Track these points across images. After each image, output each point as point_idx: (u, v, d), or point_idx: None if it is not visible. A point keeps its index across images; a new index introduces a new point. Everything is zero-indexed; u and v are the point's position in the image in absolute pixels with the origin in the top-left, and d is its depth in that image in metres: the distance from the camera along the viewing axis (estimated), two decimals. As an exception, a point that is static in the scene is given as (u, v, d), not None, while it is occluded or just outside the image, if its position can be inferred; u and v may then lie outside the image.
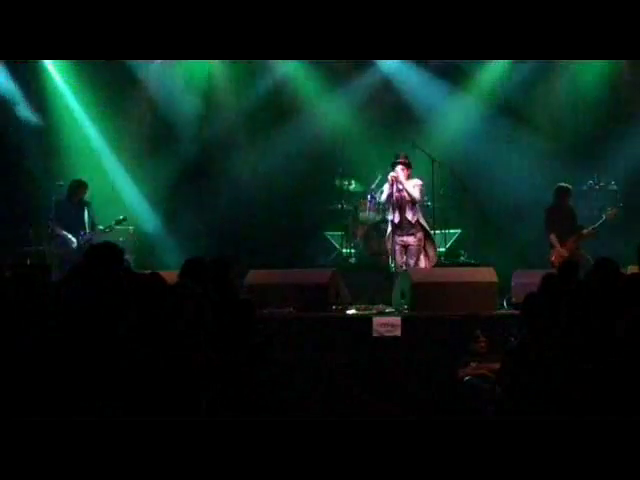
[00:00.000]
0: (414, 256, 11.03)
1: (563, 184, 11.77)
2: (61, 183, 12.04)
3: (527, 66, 12.75)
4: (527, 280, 9.37)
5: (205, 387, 5.46)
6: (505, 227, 12.80)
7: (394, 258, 11.12)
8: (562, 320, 6.05)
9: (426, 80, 13.37)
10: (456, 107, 13.45)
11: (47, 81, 13.33)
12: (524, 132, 13.25)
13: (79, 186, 11.80)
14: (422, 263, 11.13)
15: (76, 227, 11.63)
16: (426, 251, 11.19)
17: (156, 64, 13.30)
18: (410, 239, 11.05)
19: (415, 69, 13.31)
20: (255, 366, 6.42)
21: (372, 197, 12.29)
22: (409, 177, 11.12)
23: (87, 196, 11.81)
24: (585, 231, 11.49)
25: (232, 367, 6.14)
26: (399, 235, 11.07)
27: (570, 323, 5.93)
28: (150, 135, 13.50)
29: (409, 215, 11.02)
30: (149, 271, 6.66)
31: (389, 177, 11.07)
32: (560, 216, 11.60)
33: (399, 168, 11.07)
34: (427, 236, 11.23)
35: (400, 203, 11.07)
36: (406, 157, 11.17)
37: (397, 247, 11.09)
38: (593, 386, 5.37)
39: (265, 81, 13.39)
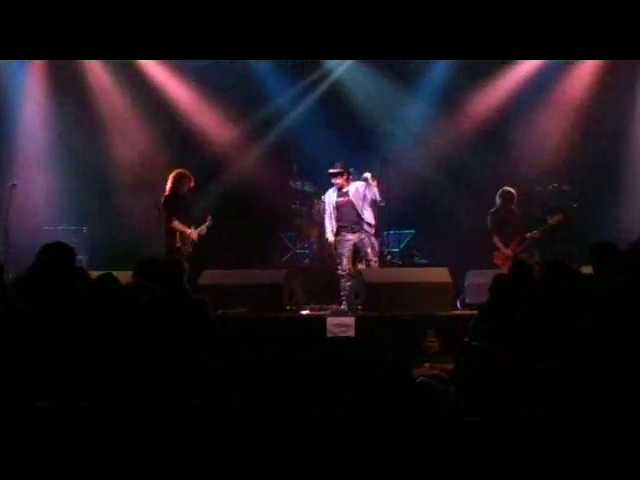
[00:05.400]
0: (362, 255, 11.14)
1: (507, 188, 11.85)
2: (14, 183, 11.57)
3: (481, 65, 12.76)
4: (481, 280, 9.38)
5: (162, 387, 5.42)
6: (459, 227, 12.83)
7: (343, 258, 11.17)
8: (514, 321, 6.08)
9: (379, 80, 13.38)
10: (408, 107, 13.49)
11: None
12: (477, 134, 13.30)
13: (185, 177, 10.96)
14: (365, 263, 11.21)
15: (188, 220, 11.06)
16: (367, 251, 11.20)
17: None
18: (355, 237, 11.14)
19: (368, 70, 13.33)
20: (209, 366, 6.38)
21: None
22: (348, 181, 11.23)
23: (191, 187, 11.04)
24: (528, 235, 11.61)
25: (187, 366, 6.10)
26: (346, 234, 11.15)
27: (523, 324, 5.97)
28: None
29: (353, 215, 11.11)
30: (102, 272, 6.57)
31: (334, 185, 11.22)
32: (504, 219, 11.71)
33: (336, 180, 11.17)
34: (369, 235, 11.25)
35: (344, 206, 11.15)
36: (342, 166, 11.20)
37: (345, 248, 11.17)
38: (546, 385, 5.41)
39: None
